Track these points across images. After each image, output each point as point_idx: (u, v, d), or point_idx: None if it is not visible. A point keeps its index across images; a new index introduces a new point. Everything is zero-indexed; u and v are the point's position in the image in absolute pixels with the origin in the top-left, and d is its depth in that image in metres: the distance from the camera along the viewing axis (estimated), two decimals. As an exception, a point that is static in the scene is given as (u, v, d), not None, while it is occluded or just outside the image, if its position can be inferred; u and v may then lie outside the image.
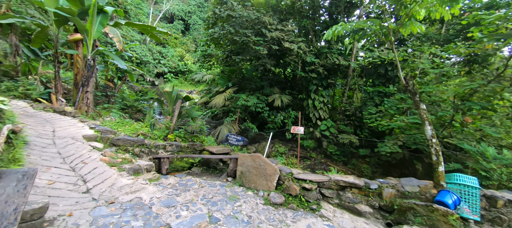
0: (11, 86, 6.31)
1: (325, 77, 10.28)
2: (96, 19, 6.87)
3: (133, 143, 4.78)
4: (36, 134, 4.12)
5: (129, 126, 5.83)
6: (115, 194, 3.22)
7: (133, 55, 26.65)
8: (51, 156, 3.70)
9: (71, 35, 6.39)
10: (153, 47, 30.95)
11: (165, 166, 4.64)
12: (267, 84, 11.37)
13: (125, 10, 30.51)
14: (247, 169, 4.26)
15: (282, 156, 9.74)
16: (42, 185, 2.98)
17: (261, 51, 8.01)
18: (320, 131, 10.04)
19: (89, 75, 6.81)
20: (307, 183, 3.76)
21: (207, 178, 4.66)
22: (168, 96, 5.80)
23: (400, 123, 6.32)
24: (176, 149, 5.27)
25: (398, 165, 8.81)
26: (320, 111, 10.26)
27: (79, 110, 6.58)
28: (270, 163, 4.07)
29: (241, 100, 9.46)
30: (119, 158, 4.25)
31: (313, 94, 10.20)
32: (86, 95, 6.93)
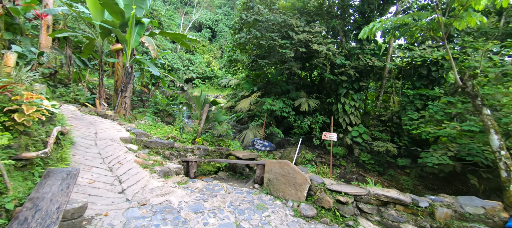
0: (64, 92, 7.13)
1: (356, 80, 9.60)
2: (134, 30, 7.43)
3: (163, 146, 4.94)
4: (81, 135, 4.51)
5: (160, 129, 6.10)
6: (146, 196, 3.29)
7: (165, 63, 28.62)
8: (93, 156, 3.98)
9: (113, 46, 6.99)
10: (183, 55, 32.85)
11: (193, 170, 4.68)
12: (293, 88, 11.06)
13: (159, 21, 33.13)
14: (274, 177, 4.05)
15: (309, 163, 9.29)
16: (84, 184, 3.18)
17: (288, 54, 7.81)
18: (351, 137, 9.35)
19: (127, 82, 7.35)
20: (342, 195, 3.40)
21: (233, 184, 4.58)
22: (196, 101, 5.95)
23: (451, 131, 5.48)
24: (204, 153, 5.32)
25: (446, 179, 7.70)
26: (351, 116, 9.58)
27: (118, 114, 7.11)
28: (299, 171, 3.81)
29: (267, 104, 9.32)
30: (151, 160, 4.41)
31: (343, 98, 9.59)
32: (124, 100, 7.49)
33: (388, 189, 3.53)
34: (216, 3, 43.90)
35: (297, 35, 7.88)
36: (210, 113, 6.08)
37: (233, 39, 10.70)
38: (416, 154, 8.51)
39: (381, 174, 8.66)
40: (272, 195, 3.99)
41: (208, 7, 43.29)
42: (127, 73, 7.04)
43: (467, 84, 3.55)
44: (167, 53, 21.27)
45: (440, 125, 5.73)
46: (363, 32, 4.27)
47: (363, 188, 3.59)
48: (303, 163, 9.35)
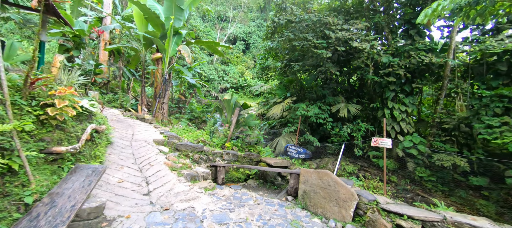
0: (111, 98, 7.90)
1: (407, 81, 8.24)
2: (172, 39, 7.86)
3: (193, 149, 4.83)
4: (119, 136, 4.71)
5: (192, 133, 6.10)
6: (170, 200, 3.08)
7: (202, 74, 30.54)
8: (127, 156, 4.05)
9: (153, 55, 7.47)
10: (218, 66, 34.64)
11: (221, 175, 4.40)
12: (329, 93, 10.16)
13: (197, 36, 35.91)
14: (311, 189, 3.44)
15: (351, 176, 8.18)
16: (113, 182, 3.15)
17: (324, 54, 7.15)
18: (403, 148, 7.91)
19: (165, 88, 7.73)
20: (404, 219, 2.60)
21: (263, 194, 4.11)
22: (227, 104, 5.80)
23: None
24: (233, 158, 5.03)
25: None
26: (401, 124, 8.18)
27: (156, 118, 7.46)
28: (343, 184, 3.13)
29: (301, 110, 8.68)
30: (180, 162, 4.29)
31: (390, 103, 8.29)
32: (162, 105, 7.87)
33: (473, 216, 2.57)
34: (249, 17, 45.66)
35: (335, 34, 7.19)
36: (240, 117, 5.83)
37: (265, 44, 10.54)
38: (496, 171, 6.65)
39: (447, 196, 6.99)
40: (309, 211, 3.37)
41: (242, 21, 45.31)
42: (165, 80, 7.40)
43: None
44: (203, 63, 22.54)
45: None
46: (424, 15, 3.46)
47: (434, 211, 2.70)
48: (344, 176, 8.28)
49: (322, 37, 7.83)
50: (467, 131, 7.25)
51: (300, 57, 9.89)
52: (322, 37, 7.82)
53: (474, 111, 6.89)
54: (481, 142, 6.98)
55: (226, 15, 42.51)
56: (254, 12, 44.06)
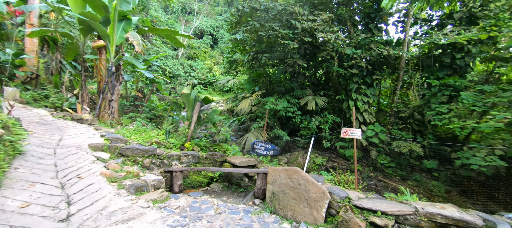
0: (38, 96, 6.38)
1: (368, 73, 8.58)
2: (119, 25, 6.67)
3: (143, 153, 4.03)
4: (38, 143, 3.64)
5: (145, 134, 5.21)
6: (101, 224, 2.34)
7: (166, 69, 28.37)
8: (44, 169, 3.08)
9: (94, 42, 6.23)
10: (184, 62, 32.63)
11: (177, 182, 3.73)
12: (297, 86, 10.09)
13: (188, 39, 33.01)
14: (280, 189, 3.06)
15: (320, 169, 8.22)
16: (11, 209, 2.26)
17: (291, 45, 6.89)
18: (367, 138, 8.25)
19: (114, 84, 6.56)
20: (377, 216, 2.38)
21: (228, 199, 3.59)
22: (186, 99, 5.06)
23: (497, 123, 4.39)
24: (193, 160, 4.38)
25: (484, 183, 6.49)
26: (364, 114, 8.51)
27: (101, 119, 6.28)
28: (313, 182, 2.80)
29: (269, 104, 8.36)
30: (124, 171, 3.48)
31: (354, 94, 8.55)
32: (111, 103, 6.68)
33: (442, 204, 2.48)
34: (216, 10, 43.99)
35: (301, 24, 6.98)
36: (202, 113, 5.17)
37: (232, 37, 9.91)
38: (444, 154, 7.35)
39: (405, 179, 7.50)
40: (278, 215, 2.98)
41: (209, 14, 43.42)
42: (111, 73, 6.24)
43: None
44: (162, 55, 20.81)
45: (484, 117, 4.64)
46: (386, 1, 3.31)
47: (406, 203, 2.56)
48: (314, 169, 8.29)
49: (288, 27, 7.57)
50: (420, 119, 7.87)
51: (268, 49, 9.56)
52: (289, 27, 7.57)
53: (425, 100, 7.46)
54: (431, 128, 7.62)
55: (191, 8, 40.17)
56: (221, 5, 42.58)
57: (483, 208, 6.31)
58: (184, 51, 36.67)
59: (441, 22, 8.20)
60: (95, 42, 6.16)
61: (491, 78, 6.96)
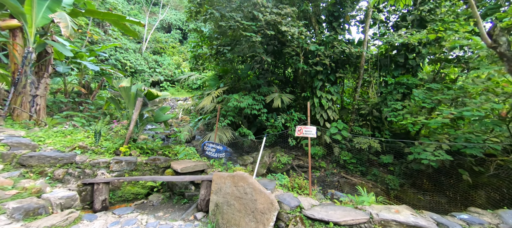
0: None
1: (332, 71, 8.64)
2: (41, 2, 5.41)
3: (55, 162, 3.13)
4: None
5: (72, 136, 4.21)
6: None
7: (127, 63, 25.85)
8: None
9: (3, 21, 4.90)
10: (149, 56, 30.13)
11: (100, 197, 2.96)
12: (264, 83, 9.76)
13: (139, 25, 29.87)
14: (225, 200, 2.56)
15: (286, 168, 8.00)
16: None
17: (254, 38, 6.46)
18: (330, 135, 8.30)
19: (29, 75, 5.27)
20: (330, 227, 2.03)
21: (165, 214, 2.96)
22: (126, 94, 4.20)
23: (444, 119, 4.59)
24: (127, 168, 3.60)
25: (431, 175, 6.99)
26: (328, 112, 8.55)
27: (16, 118, 5.00)
28: (262, 190, 2.37)
29: (233, 101, 7.84)
30: (18, 188, 2.60)
31: (319, 92, 8.53)
32: (35, 100, 5.38)
33: (397, 207, 2.26)
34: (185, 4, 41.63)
35: (264, 16, 6.58)
36: (144, 110, 4.37)
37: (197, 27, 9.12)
38: (398, 149, 7.75)
39: (364, 174, 7.71)
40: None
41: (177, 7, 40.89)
42: (27, 61, 5.00)
43: (499, 41, 2.51)
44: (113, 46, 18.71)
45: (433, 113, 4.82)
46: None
47: (361, 209, 2.28)
48: (279, 168, 8.05)
49: (251, 19, 7.12)
50: (378, 115, 8.19)
51: (232, 43, 9.00)
52: (252, 19, 7.12)
53: (382, 97, 7.75)
54: (388, 124, 7.98)
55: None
56: None
57: (431, 197, 6.81)
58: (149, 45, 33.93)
59: (396, 24, 8.65)
60: (5, 22, 4.85)
61: (437, 78, 7.52)
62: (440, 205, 6.19)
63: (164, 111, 5.05)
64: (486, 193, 6.28)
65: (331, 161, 8.64)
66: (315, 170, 8.32)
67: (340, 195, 6.31)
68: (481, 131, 4.41)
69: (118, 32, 24.85)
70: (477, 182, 6.14)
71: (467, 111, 3.95)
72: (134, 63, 26.57)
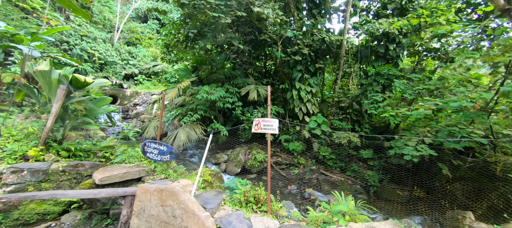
0: None
1: (312, 61, 8.08)
2: None
3: None
4: None
5: None
6: None
7: (95, 54, 23.61)
8: None
9: None
10: (121, 47, 27.79)
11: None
12: (241, 74, 8.96)
13: (85, 5, 27.16)
14: (148, 225, 1.78)
15: (260, 168, 7.35)
16: None
17: (222, 20, 5.61)
18: (309, 129, 7.78)
19: None
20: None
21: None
22: (44, 81, 3.19)
23: (426, 111, 4.17)
24: (33, 179, 2.66)
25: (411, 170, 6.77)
26: (307, 105, 8.01)
27: None
28: (195, 212, 1.64)
29: (202, 93, 6.97)
30: None
31: (297, 84, 7.94)
32: None
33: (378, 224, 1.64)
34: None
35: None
36: (69, 101, 3.39)
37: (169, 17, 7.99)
38: (377, 143, 7.45)
39: (344, 170, 7.32)
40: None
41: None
42: None
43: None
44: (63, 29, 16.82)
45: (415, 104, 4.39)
46: None
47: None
48: (254, 167, 7.39)
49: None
50: (358, 108, 7.80)
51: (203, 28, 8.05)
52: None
53: (363, 89, 7.35)
54: (368, 118, 7.62)
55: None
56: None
57: (409, 193, 6.59)
58: (122, 35, 31.40)
59: (377, 13, 8.26)
60: None
61: (417, 69, 7.26)
62: (418, 201, 5.94)
63: (102, 104, 4.07)
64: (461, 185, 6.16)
65: (311, 157, 8.17)
66: (293, 167, 7.79)
67: (318, 195, 5.82)
68: (465, 123, 4.07)
69: (82, 19, 22.41)
70: (455, 175, 5.97)
71: (454, 102, 3.53)
72: (103, 54, 24.32)
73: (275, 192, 6.24)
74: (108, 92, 17.78)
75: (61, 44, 21.30)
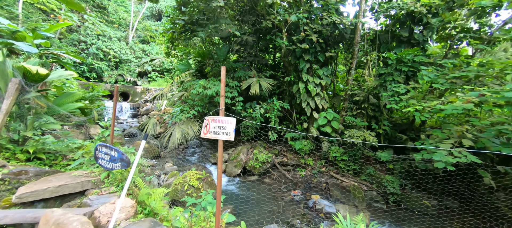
0: None
1: (321, 49, 7.13)
2: None
3: None
4: None
5: None
6: None
7: (110, 52, 24.27)
8: None
9: None
10: (136, 45, 28.44)
11: None
12: (243, 66, 8.26)
13: (101, 5, 28.01)
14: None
15: (262, 170, 6.67)
16: None
17: (214, 3, 4.93)
18: (318, 127, 6.91)
19: None
20: None
21: None
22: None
23: (467, 105, 3.17)
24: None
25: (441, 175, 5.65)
26: (316, 99, 7.13)
27: None
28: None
29: (198, 87, 6.40)
30: None
31: (305, 75, 7.07)
32: None
33: None
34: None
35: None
36: (24, 96, 2.96)
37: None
38: (400, 142, 6.39)
39: (358, 174, 6.38)
40: None
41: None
42: None
43: None
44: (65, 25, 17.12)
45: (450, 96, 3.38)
46: None
47: None
48: (255, 168, 6.70)
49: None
50: (375, 102, 6.76)
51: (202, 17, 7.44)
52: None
53: (381, 79, 6.29)
54: (387, 113, 6.56)
55: (143, -17, 35.23)
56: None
57: (438, 203, 5.50)
58: (137, 34, 32.12)
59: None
60: None
61: (450, 54, 6.03)
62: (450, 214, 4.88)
63: (70, 100, 3.63)
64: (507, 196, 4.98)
65: (319, 157, 7.31)
66: (299, 168, 6.99)
67: (325, 205, 5.00)
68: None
69: (95, 17, 23.03)
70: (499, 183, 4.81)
71: (508, 91, 2.54)
72: (118, 52, 24.98)
73: (276, 197, 5.53)
74: (120, 89, 18.08)
75: (79, 43, 22.09)
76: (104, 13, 27.81)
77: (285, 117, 8.27)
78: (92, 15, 22.04)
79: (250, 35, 8.50)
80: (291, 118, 8.08)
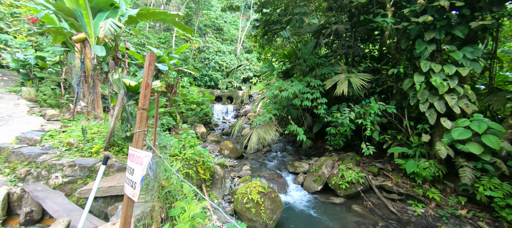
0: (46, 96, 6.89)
1: (461, 19, 4.45)
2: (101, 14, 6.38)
3: (24, 159, 3.09)
4: None
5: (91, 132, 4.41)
6: None
7: (223, 65, 29.64)
8: None
9: (75, 35, 6.09)
10: (242, 56, 33.20)
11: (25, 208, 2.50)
12: (331, 62, 6.88)
13: (218, 27, 34.85)
14: None
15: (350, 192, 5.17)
16: None
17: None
18: (452, 142, 4.37)
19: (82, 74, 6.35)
20: None
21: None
22: (117, 88, 3.81)
23: None
24: (81, 173, 3.05)
25: None
26: (448, 98, 4.55)
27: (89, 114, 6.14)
28: None
29: (273, 89, 5.96)
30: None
31: (425, 63, 4.72)
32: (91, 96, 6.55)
33: None
34: None
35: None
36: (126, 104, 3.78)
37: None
38: None
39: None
40: None
41: (267, 4, 42.03)
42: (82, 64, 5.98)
43: None
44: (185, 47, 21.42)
45: None
46: None
47: None
48: (341, 188, 5.27)
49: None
50: None
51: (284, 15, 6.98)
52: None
53: None
54: None
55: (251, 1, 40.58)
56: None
57: None
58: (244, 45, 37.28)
59: None
60: (76, 35, 5.98)
61: None
62: None
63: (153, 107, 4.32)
64: None
65: (455, 191, 4.59)
66: (414, 201, 4.75)
67: None
68: None
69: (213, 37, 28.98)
70: None
71: None
72: (229, 63, 30.13)
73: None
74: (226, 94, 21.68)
75: (204, 60, 28.84)
76: (220, 33, 34.70)
77: (390, 124, 6.01)
78: (211, 37, 27.93)
79: (344, 24, 6.95)
80: (401, 126, 5.75)
